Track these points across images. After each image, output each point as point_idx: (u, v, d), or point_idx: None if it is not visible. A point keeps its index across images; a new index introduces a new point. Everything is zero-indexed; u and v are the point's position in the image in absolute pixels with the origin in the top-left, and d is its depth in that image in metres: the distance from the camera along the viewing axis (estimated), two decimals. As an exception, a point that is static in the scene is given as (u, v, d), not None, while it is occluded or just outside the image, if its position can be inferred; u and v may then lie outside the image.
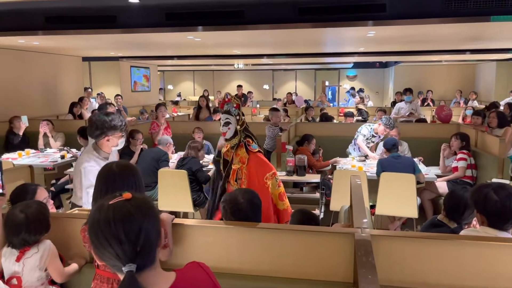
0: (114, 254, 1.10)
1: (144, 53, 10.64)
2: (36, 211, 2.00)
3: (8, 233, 1.98)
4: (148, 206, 1.20)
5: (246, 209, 2.04)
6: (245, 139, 3.23)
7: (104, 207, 1.15)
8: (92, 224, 1.14)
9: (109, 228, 1.10)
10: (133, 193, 1.19)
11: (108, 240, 1.10)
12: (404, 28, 5.57)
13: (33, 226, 1.97)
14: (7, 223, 1.98)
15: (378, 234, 1.80)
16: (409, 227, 4.85)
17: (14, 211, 2.00)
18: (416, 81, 13.95)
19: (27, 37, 6.05)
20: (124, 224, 1.11)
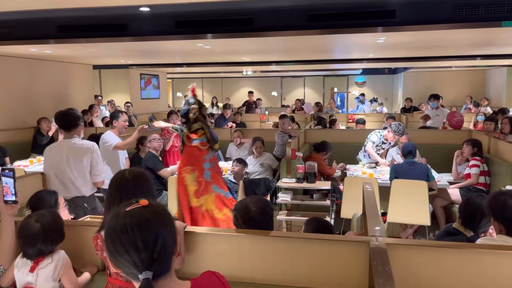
0: (131, 261, 1.10)
1: (154, 61, 10.72)
2: (51, 220, 1.99)
3: (24, 243, 1.95)
4: (165, 214, 1.20)
5: (257, 217, 2.02)
6: (191, 130, 3.39)
7: (120, 214, 1.15)
8: (108, 231, 1.13)
9: (126, 235, 1.10)
10: (150, 200, 1.18)
11: (125, 247, 1.09)
12: (414, 34, 5.54)
13: (50, 236, 1.95)
14: (22, 234, 1.95)
15: (393, 242, 1.77)
16: (421, 235, 4.78)
17: (29, 221, 1.97)
18: (426, 87, 13.86)
19: (39, 45, 6.13)
20: (141, 231, 1.11)
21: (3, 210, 2.09)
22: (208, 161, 3.44)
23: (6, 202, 2.08)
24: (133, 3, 4.23)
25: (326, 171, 5.54)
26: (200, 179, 3.35)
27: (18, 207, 2.13)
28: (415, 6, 4.60)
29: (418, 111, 10.85)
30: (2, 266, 2.04)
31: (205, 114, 3.55)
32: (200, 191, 3.32)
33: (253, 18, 4.82)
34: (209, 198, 3.34)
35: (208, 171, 3.41)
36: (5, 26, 5.26)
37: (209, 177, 3.39)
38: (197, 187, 3.31)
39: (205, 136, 3.42)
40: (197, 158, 3.39)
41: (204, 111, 3.53)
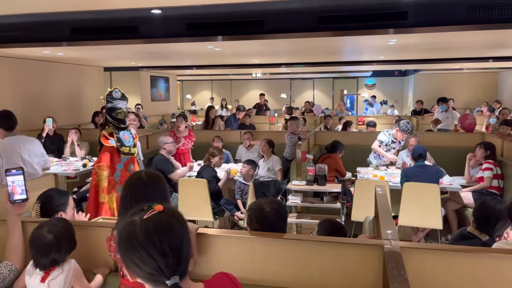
0: (156, 268, 1.08)
1: (164, 63, 10.78)
2: (63, 229, 1.97)
3: (37, 254, 1.92)
4: (181, 217, 1.20)
5: (272, 218, 2.01)
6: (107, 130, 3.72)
7: (137, 221, 1.12)
8: (129, 240, 1.10)
9: (152, 242, 1.08)
10: (164, 205, 1.17)
11: (151, 254, 1.07)
12: (426, 35, 5.49)
13: (63, 245, 1.94)
14: (35, 245, 1.93)
15: (407, 246, 1.75)
16: (433, 239, 4.73)
17: (41, 231, 1.95)
18: (436, 89, 13.74)
19: (52, 48, 6.20)
20: (167, 237, 1.10)
21: (10, 210, 2.10)
22: (122, 163, 3.74)
23: (14, 202, 2.10)
24: (145, 6, 4.25)
25: (344, 170, 5.57)
26: (110, 178, 3.66)
27: (26, 206, 2.14)
28: (427, 7, 4.56)
29: (429, 113, 10.76)
30: (13, 265, 2.05)
31: (121, 117, 3.80)
32: (108, 189, 3.62)
33: (264, 20, 4.82)
34: (113, 197, 3.62)
35: (119, 172, 3.71)
36: (19, 29, 5.33)
37: (118, 177, 3.68)
38: (106, 184, 3.63)
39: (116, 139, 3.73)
40: (113, 157, 3.70)
41: (119, 115, 3.79)
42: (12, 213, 2.10)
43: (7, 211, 2.11)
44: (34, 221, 2.28)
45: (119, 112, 3.76)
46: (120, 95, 3.84)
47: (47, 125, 6.76)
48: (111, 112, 3.76)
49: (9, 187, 2.09)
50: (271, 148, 5.68)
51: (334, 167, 5.40)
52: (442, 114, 8.46)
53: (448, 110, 8.54)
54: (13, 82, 7.56)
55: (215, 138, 6.50)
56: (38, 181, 3.37)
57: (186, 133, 6.29)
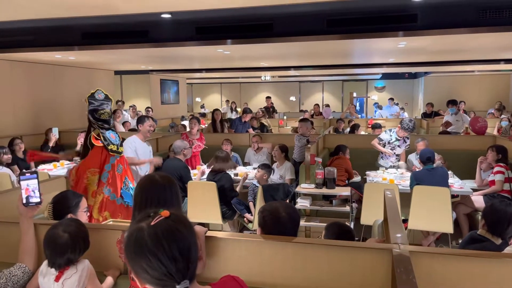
0: (166, 273, 1.09)
1: (174, 67, 10.86)
2: (77, 229, 1.99)
3: (52, 254, 1.94)
4: (187, 221, 1.21)
5: (287, 223, 2.02)
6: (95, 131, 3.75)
7: (144, 228, 1.13)
8: (137, 246, 1.11)
9: (162, 248, 1.09)
10: (170, 210, 1.18)
11: (161, 260, 1.08)
12: (436, 38, 5.47)
13: (77, 244, 1.96)
14: (51, 245, 1.95)
15: (417, 250, 1.74)
16: (443, 243, 4.68)
17: (56, 231, 1.96)
18: (447, 91, 13.61)
19: (64, 52, 6.30)
20: (176, 242, 1.11)
21: (23, 212, 2.13)
22: (110, 163, 3.74)
23: (27, 205, 2.13)
24: (155, 10, 4.30)
25: (352, 171, 5.57)
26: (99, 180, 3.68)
27: (38, 209, 2.17)
28: (437, 10, 4.54)
29: (439, 116, 10.67)
30: (27, 267, 2.08)
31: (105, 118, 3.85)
32: (96, 191, 3.62)
33: (273, 24, 4.84)
34: (98, 198, 3.61)
35: (107, 173, 3.71)
36: (32, 33, 5.42)
37: (105, 178, 3.68)
38: (96, 188, 3.63)
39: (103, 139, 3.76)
40: (102, 158, 3.71)
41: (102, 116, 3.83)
42: (25, 215, 2.14)
43: (20, 213, 2.14)
44: (46, 223, 2.31)
45: (102, 113, 3.81)
46: (104, 96, 3.90)
47: (54, 135, 6.77)
48: (94, 113, 3.81)
49: (23, 190, 2.12)
50: (283, 153, 5.61)
51: (344, 167, 5.39)
52: (452, 116, 8.39)
53: (458, 112, 8.46)
54: (26, 85, 7.69)
55: (224, 141, 6.52)
56: (49, 183, 3.42)
57: (198, 135, 6.32)
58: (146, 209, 1.46)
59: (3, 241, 2.29)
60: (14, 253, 2.15)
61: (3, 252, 2.24)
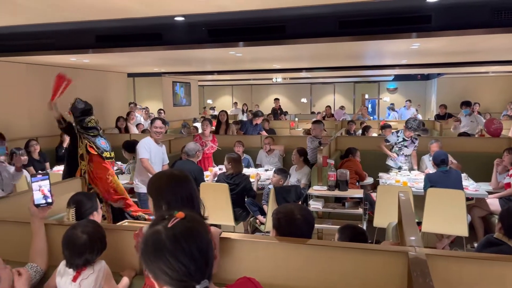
0: (187, 273, 1.10)
1: (186, 69, 10.93)
2: (95, 230, 2.02)
3: (71, 254, 1.96)
4: (202, 221, 1.23)
5: (301, 225, 2.02)
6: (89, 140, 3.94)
7: (161, 230, 1.13)
8: (156, 249, 1.12)
9: (181, 249, 1.10)
10: (184, 211, 1.19)
11: (181, 260, 1.09)
12: (450, 39, 5.41)
13: (95, 245, 1.98)
14: (69, 245, 1.97)
15: (433, 253, 1.72)
16: (458, 246, 4.63)
17: (74, 232, 1.99)
18: (461, 93, 13.43)
19: (79, 55, 6.38)
20: (195, 242, 1.12)
21: (35, 213, 2.17)
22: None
23: (39, 206, 2.16)
24: (169, 14, 4.33)
25: (363, 173, 5.58)
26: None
27: (49, 209, 2.21)
28: (451, 11, 4.49)
29: (453, 118, 10.54)
30: (39, 266, 2.11)
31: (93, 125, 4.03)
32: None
33: (285, 26, 4.84)
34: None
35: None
36: (47, 37, 5.51)
37: None
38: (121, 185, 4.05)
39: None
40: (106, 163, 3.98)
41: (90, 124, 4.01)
42: (36, 216, 2.17)
43: (32, 214, 2.18)
44: (57, 223, 2.36)
45: (89, 121, 3.99)
46: (83, 104, 4.12)
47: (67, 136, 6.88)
48: (82, 123, 3.97)
49: (35, 191, 2.16)
50: (302, 157, 5.55)
51: (354, 169, 5.38)
52: (466, 118, 8.29)
53: (472, 114, 8.35)
54: (42, 88, 7.79)
55: (236, 143, 6.54)
56: (64, 185, 3.47)
57: (210, 137, 6.35)
58: (178, 207, 1.45)
59: (17, 241, 2.33)
60: (28, 253, 2.18)
61: (17, 252, 2.27)
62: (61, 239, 2.03)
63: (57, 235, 2.23)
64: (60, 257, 2.10)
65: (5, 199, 2.98)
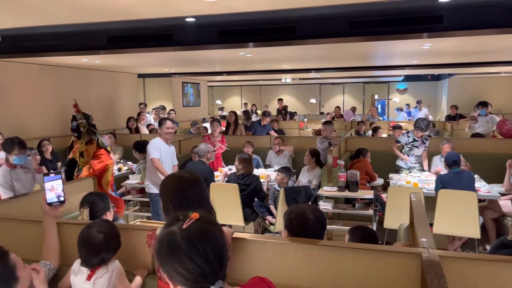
0: (201, 274, 1.10)
1: (196, 70, 10.98)
2: (110, 230, 2.04)
3: (87, 253, 1.98)
4: (216, 222, 1.24)
5: (314, 226, 2.02)
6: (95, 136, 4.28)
7: (176, 231, 1.14)
8: (170, 250, 1.12)
9: (196, 250, 1.10)
10: (199, 212, 1.20)
11: (196, 261, 1.10)
12: (462, 39, 5.36)
13: (111, 244, 2.01)
14: (86, 244, 1.99)
15: (446, 255, 1.71)
16: (470, 248, 4.58)
17: (90, 231, 2.00)
18: (472, 93, 13.29)
19: (90, 56, 6.45)
20: (210, 243, 1.13)
21: (48, 211, 2.20)
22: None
23: (51, 204, 2.18)
24: (180, 15, 4.35)
25: (373, 173, 5.56)
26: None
27: (62, 208, 2.24)
28: (463, 11, 4.45)
29: (464, 118, 10.44)
30: (52, 264, 2.14)
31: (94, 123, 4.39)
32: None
33: (296, 26, 4.84)
34: None
35: None
36: (60, 38, 5.58)
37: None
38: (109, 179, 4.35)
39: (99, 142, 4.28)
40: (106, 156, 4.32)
41: (91, 121, 4.37)
42: (49, 215, 2.20)
43: (44, 213, 2.21)
44: (68, 222, 2.39)
45: (91, 119, 4.39)
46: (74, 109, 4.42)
47: None
48: (88, 119, 4.32)
49: (47, 190, 2.19)
50: (314, 158, 5.51)
51: (364, 170, 5.36)
52: (482, 118, 8.16)
53: (488, 115, 8.26)
54: (54, 88, 7.90)
55: (246, 144, 6.55)
56: (77, 184, 3.51)
57: (219, 138, 6.38)
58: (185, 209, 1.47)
59: (30, 239, 2.36)
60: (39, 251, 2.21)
61: (30, 250, 2.29)
62: (73, 237, 2.06)
63: (70, 233, 2.26)
64: (72, 255, 2.13)
65: (18, 198, 3.03)
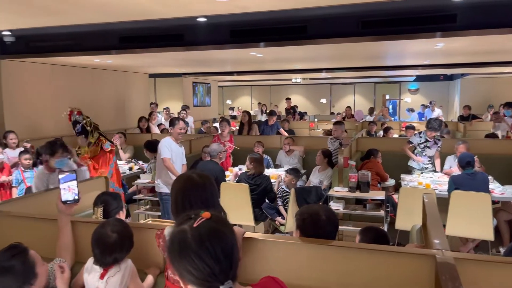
0: (211, 274, 1.10)
1: (206, 70, 11.01)
2: (124, 229, 2.04)
3: (102, 253, 1.99)
4: (228, 222, 1.23)
5: (326, 226, 2.01)
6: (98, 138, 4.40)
7: (187, 230, 1.14)
8: (181, 249, 1.13)
9: (206, 249, 1.10)
10: (210, 211, 1.20)
11: (205, 261, 1.10)
12: (476, 38, 5.29)
13: (125, 244, 2.01)
14: (100, 244, 2.00)
15: (461, 257, 1.69)
16: (483, 250, 4.52)
17: (104, 231, 2.01)
18: (485, 94, 13.13)
19: (102, 56, 6.51)
20: (220, 243, 1.12)
21: (62, 210, 2.22)
22: (113, 162, 4.49)
23: (66, 202, 2.21)
24: (192, 14, 4.37)
25: (385, 174, 5.52)
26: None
27: (76, 206, 2.26)
28: (477, 10, 4.40)
29: (477, 119, 10.31)
30: (66, 261, 2.16)
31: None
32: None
33: (307, 26, 4.83)
34: None
35: (111, 170, 4.43)
36: (73, 38, 5.64)
37: (110, 175, 4.34)
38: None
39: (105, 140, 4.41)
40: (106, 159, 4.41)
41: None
42: (63, 212, 2.22)
43: (59, 211, 2.23)
44: (82, 220, 2.41)
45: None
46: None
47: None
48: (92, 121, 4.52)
49: (62, 189, 2.21)
50: (326, 158, 5.46)
51: (375, 171, 5.31)
52: (509, 119, 8.07)
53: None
54: (66, 88, 7.99)
55: (256, 144, 6.55)
56: (90, 183, 3.53)
57: (228, 137, 6.39)
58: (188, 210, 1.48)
59: (45, 236, 2.38)
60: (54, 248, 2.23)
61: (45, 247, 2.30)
62: (87, 236, 2.07)
63: (83, 232, 2.28)
64: (86, 253, 2.15)
65: (33, 197, 3.06)
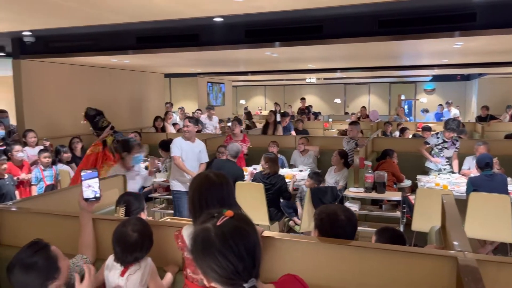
0: (234, 271, 1.11)
1: (221, 69, 11.05)
2: (144, 228, 2.07)
3: (123, 252, 2.02)
4: (251, 220, 1.24)
5: (345, 226, 2.00)
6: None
7: (211, 228, 1.15)
8: (205, 247, 1.14)
9: (229, 247, 1.12)
10: (233, 210, 1.21)
11: (229, 259, 1.11)
12: (495, 38, 5.20)
13: (145, 243, 2.04)
14: (121, 243, 2.02)
15: (484, 259, 1.66)
16: (502, 253, 4.44)
17: (125, 230, 2.04)
18: (503, 94, 12.88)
19: (120, 56, 6.59)
20: (243, 241, 1.14)
21: (84, 207, 2.26)
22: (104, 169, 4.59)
23: (87, 200, 2.25)
24: (208, 15, 4.40)
25: (400, 174, 5.46)
26: None
27: (98, 203, 2.30)
28: (497, 8, 4.33)
29: (495, 119, 10.13)
30: (88, 258, 2.20)
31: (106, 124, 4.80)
32: None
33: (323, 26, 4.82)
34: None
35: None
36: (91, 39, 5.73)
37: None
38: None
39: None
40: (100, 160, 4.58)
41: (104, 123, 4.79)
42: (85, 210, 2.27)
43: (81, 208, 2.28)
44: (104, 218, 2.45)
45: (102, 122, 4.81)
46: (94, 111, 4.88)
47: None
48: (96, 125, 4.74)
49: (84, 186, 2.26)
50: (342, 159, 5.42)
51: (391, 171, 5.26)
52: None
53: None
54: (84, 88, 8.12)
55: (271, 143, 6.55)
56: (109, 181, 3.58)
57: (241, 137, 6.40)
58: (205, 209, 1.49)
59: (67, 233, 2.42)
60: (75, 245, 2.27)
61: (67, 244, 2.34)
62: (108, 233, 2.10)
63: (105, 229, 2.32)
64: (107, 250, 2.18)
65: (55, 194, 3.13)
